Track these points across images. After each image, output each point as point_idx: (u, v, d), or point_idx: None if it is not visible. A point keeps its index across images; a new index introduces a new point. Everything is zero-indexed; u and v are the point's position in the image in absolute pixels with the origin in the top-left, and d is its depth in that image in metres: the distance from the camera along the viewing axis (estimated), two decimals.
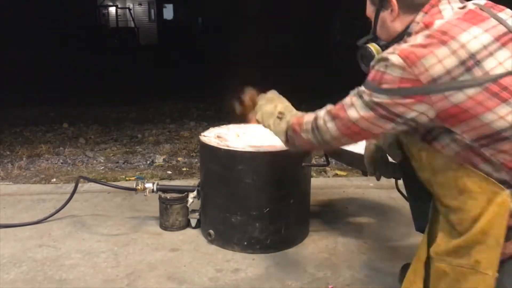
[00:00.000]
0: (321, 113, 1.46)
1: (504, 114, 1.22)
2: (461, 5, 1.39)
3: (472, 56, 1.22)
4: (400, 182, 1.69)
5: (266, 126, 1.74)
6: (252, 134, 2.34)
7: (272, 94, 1.81)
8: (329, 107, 1.44)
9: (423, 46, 1.24)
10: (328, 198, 2.75)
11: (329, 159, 2.34)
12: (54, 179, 3.20)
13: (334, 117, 1.40)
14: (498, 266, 1.32)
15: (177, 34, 18.07)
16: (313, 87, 6.92)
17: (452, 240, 1.35)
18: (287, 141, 1.62)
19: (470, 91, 1.21)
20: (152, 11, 23.05)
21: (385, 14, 1.47)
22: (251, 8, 14.74)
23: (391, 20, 1.46)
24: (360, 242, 2.22)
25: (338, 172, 3.32)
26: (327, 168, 3.30)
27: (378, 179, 1.80)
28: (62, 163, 3.61)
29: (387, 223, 2.43)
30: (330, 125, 1.41)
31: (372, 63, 1.34)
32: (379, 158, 1.73)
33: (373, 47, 1.52)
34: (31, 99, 6.15)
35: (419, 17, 1.40)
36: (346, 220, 2.48)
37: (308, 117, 1.51)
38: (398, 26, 1.46)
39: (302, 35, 13.73)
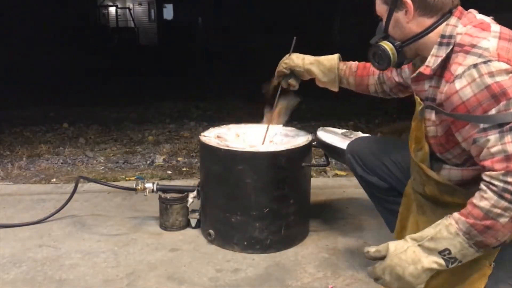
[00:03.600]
0: (497, 181, 1.24)
1: None
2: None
3: None
4: None
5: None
6: (252, 134, 2.34)
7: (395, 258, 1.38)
8: (499, 166, 1.24)
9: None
10: (328, 198, 2.75)
11: (329, 159, 2.34)
12: (54, 179, 3.20)
13: None
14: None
15: (177, 34, 18.07)
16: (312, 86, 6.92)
17: None
18: (482, 248, 1.30)
19: None
20: (152, 11, 23.03)
21: (399, 15, 1.48)
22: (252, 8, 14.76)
23: (406, 22, 1.47)
24: (360, 242, 2.22)
25: (338, 172, 3.32)
26: (327, 168, 3.30)
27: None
28: (62, 163, 3.61)
29: None
30: None
31: (473, 88, 1.29)
32: None
33: (386, 45, 1.51)
34: (31, 99, 6.15)
35: (453, 21, 1.43)
36: (346, 220, 2.48)
37: (480, 199, 1.26)
38: (414, 27, 1.47)
39: (303, 34, 13.72)
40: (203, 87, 7.46)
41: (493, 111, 1.26)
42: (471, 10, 1.48)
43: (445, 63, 1.40)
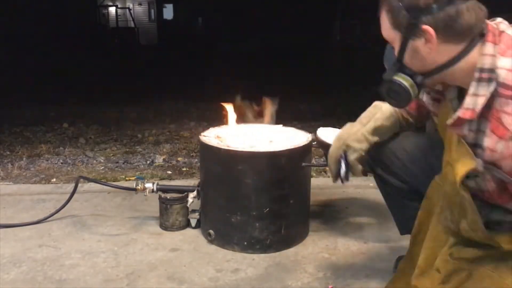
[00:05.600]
0: None
1: None
2: None
3: None
4: None
5: None
6: (252, 134, 2.34)
7: None
8: None
9: None
10: (328, 198, 2.75)
11: None
12: (54, 179, 3.20)
13: None
14: None
15: (177, 34, 18.09)
16: (312, 86, 6.96)
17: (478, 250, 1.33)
18: None
19: None
20: (152, 11, 23.05)
21: (417, 44, 1.24)
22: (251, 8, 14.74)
23: (428, 52, 1.24)
24: (360, 242, 2.22)
25: None
26: (327, 168, 3.29)
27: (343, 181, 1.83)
28: (62, 163, 3.61)
29: (387, 223, 2.42)
30: None
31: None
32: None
33: (404, 80, 1.29)
34: (31, 99, 6.15)
35: (490, 49, 1.19)
36: (346, 220, 2.48)
37: None
38: (438, 57, 1.25)
39: (302, 35, 13.73)
40: (203, 87, 7.45)
41: None
42: (500, 22, 1.25)
43: (488, 104, 1.20)
